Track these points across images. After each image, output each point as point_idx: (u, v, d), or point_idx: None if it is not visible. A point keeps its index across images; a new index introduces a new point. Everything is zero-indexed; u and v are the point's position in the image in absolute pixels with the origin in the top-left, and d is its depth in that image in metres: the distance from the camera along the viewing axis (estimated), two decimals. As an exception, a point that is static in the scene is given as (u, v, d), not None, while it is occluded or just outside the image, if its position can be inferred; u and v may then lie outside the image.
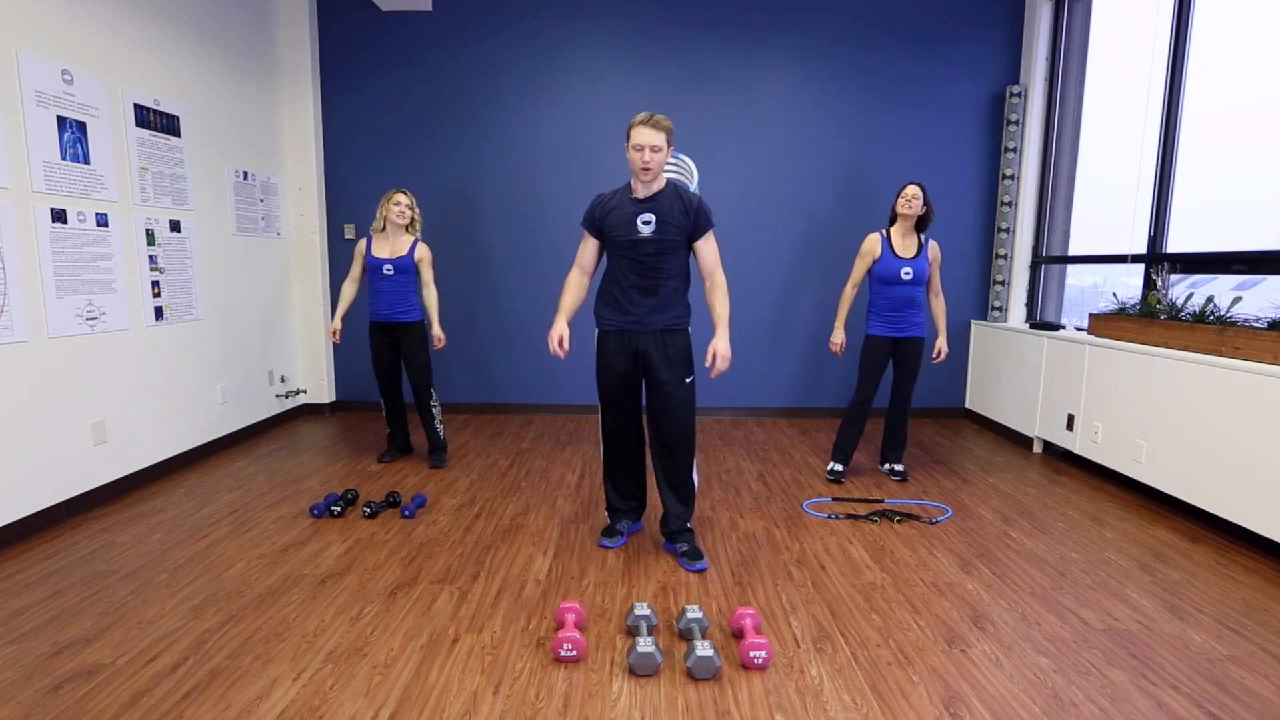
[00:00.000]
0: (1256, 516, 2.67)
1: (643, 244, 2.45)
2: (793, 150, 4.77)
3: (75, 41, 2.98)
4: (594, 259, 2.61)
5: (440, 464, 3.71)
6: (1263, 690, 1.86)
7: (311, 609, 2.22)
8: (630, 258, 2.48)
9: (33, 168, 2.77)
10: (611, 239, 2.50)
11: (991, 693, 1.83)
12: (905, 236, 3.37)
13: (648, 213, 2.44)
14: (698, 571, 2.51)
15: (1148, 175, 3.70)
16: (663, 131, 2.38)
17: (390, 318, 3.57)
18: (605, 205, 2.52)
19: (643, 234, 2.44)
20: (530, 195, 4.84)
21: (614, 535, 2.74)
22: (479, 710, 1.74)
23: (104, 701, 1.75)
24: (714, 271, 2.54)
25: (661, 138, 2.37)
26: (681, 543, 2.62)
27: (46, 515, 2.85)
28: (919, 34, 4.67)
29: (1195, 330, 3.02)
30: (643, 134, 2.36)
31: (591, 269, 2.63)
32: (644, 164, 2.37)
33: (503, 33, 4.70)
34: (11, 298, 2.68)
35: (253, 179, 4.29)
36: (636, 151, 2.38)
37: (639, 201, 2.46)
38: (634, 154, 2.39)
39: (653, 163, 2.37)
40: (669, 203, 2.45)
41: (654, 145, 2.36)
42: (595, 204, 2.55)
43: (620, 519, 2.79)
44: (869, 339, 3.44)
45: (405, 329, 3.60)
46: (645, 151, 2.36)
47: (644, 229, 2.44)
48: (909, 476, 3.61)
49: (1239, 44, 3.38)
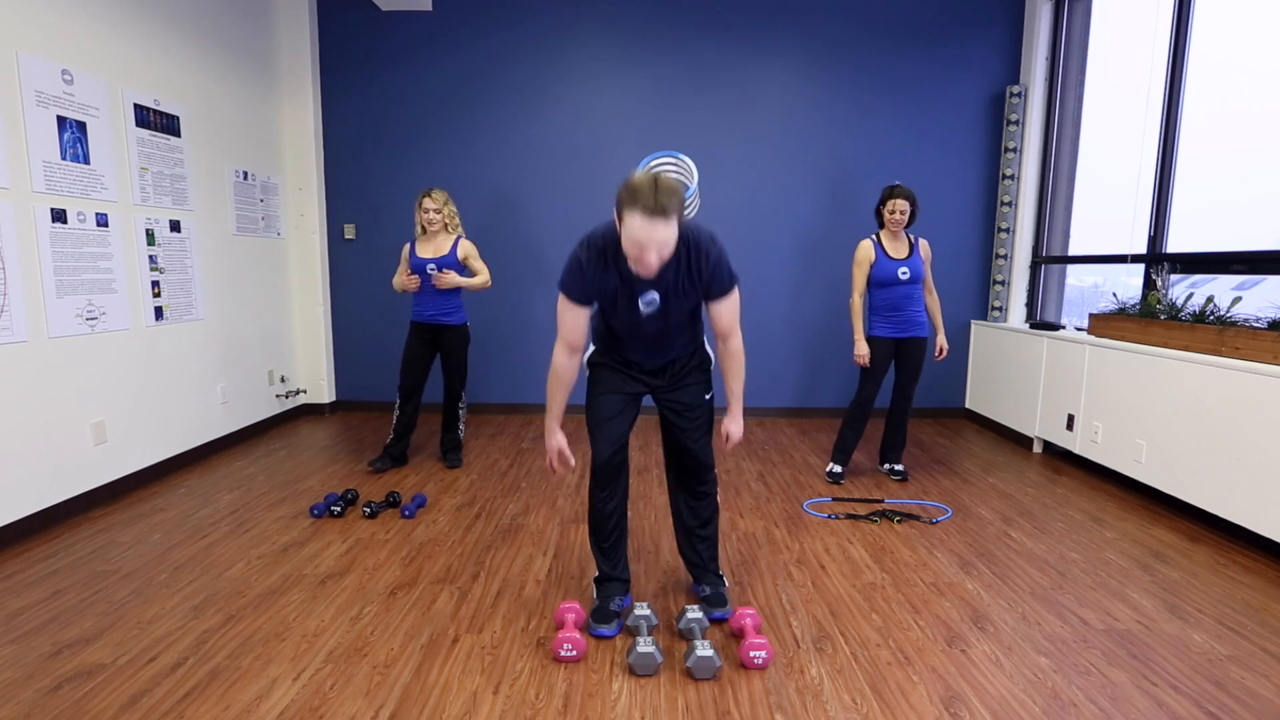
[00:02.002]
0: (1256, 516, 2.67)
1: (644, 322, 2.00)
2: (793, 150, 4.77)
3: (75, 41, 2.98)
4: (584, 331, 2.02)
5: (458, 463, 3.74)
6: (1263, 690, 1.86)
7: (311, 609, 2.22)
8: (630, 326, 2.04)
9: (33, 168, 2.77)
10: (606, 308, 2.04)
11: (991, 693, 1.83)
12: (895, 239, 3.40)
13: (650, 290, 1.93)
14: (716, 621, 2.16)
15: (1148, 175, 3.70)
16: (671, 220, 1.72)
17: (434, 319, 3.55)
18: (596, 274, 1.91)
19: (644, 313, 1.97)
20: (530, 195, 4.84)
21: (608, 619, 2.09)
22: (479, 710, 1.74)
23: (104, 701, 1.75)
24: (729, 335, 2.05)
25: (672, 230, 1.73)
26: (705, 585, 2.26)
27: (46, 515, 2.85)
28: (919, 34, 4.67)
29: (1195, 330, 3.02)
30: (643, 230, 1.70)
31: (581, 344, 2.05)
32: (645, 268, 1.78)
33: (503, 33, 4.70)
34: (11, 298, 2.68)
35: (253, 179, 4.29)
36: (634, 248, 1.75)
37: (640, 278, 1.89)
38: (630, 249, 1.76)
39: (655, 265, 1.77)
40: (674, 274, 1.91)
41: (662, 245, 1.74)
42: (578, 266, 1.92)
43: (613, 594, 2.18)
44: (872, 340, 3.44)
45: (447, 331, 3.58)
46: (652, 253, 1.74)
47: (646, 309, 1.96)
48: (909, 476, 3.61)
49: (1239, 44, 3.38)
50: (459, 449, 3.80)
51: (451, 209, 3.56)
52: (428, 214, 3.47)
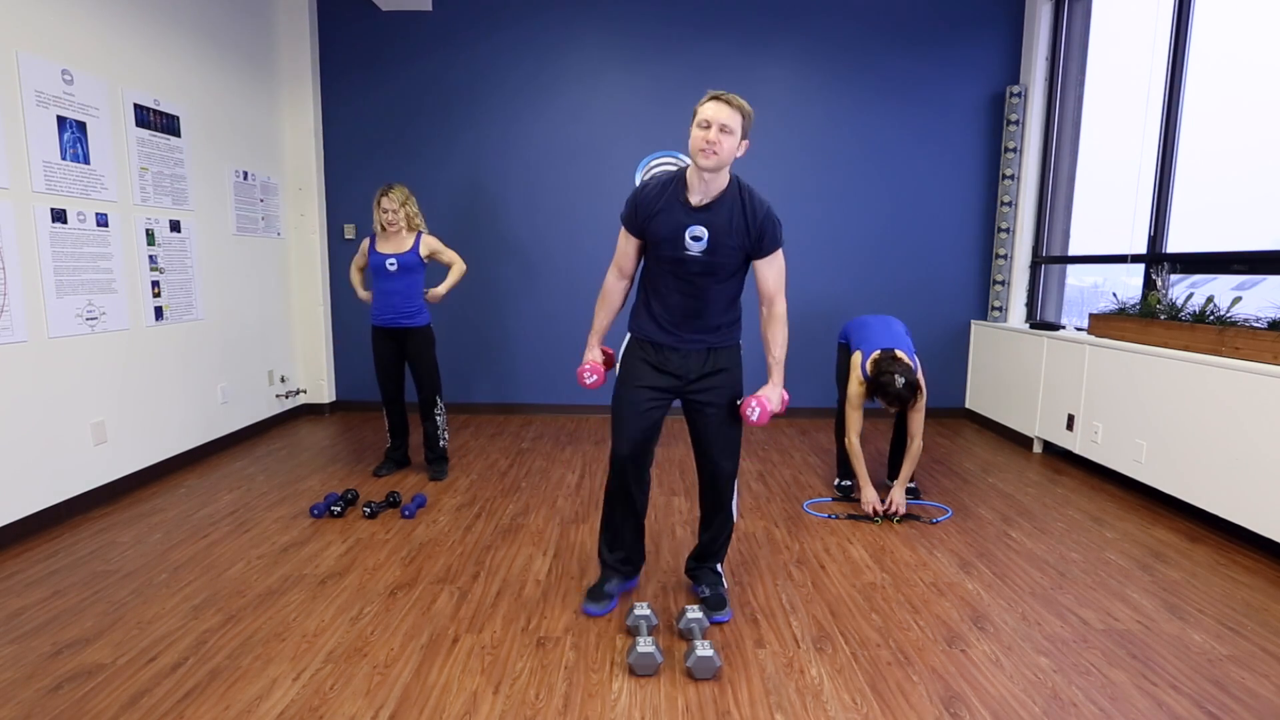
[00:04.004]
0: (1256, 516, 2.67)
1: (689, 263, 2.01)
2: (793, 150, 4.77)
3: (75, 41, 2.98)
4: (635, 260, 2.16)
5: (440, 476, 3.50)
6: (1263, 690, 1.86)
7: (311, 609, 2.22)
8: (674, 274, 2.05)
9: (33, 168, 2.77)
10: (653, 245, 2.07)
11: (991, 693, 1.83)
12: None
13: (700, 225, 1.97)
14: (716, 624, 2.16)
15: (1148, 175, 3.70)
16: (738, 112, 1.89)
17: (395, 323, 3.37)
18: (651, 204, 2.03)
19: (690, 251, 1.99)
20: (530, 196, 4.84)
21: (601, 599, 2.21)
22: (479, 710, 1.74)
23: (104, 701, 1.75)
24: (775, 298, 2.09)
25: (737, 119, 1.89)
26: (704, 585, 2.26)
27: (46, 515, 2.85)
28: (919, 34, 4.67)
29: (1195, 330, 3.02)
30: (713, 108, 1.88)
31: (632, 271, 2.18)
32: (707, 146, 1.87)
33: (503, 33, 4.70)
34: (11, 298, 2.68)
35: (253, 179, 4.29)
36: (701, 130, 1.88)
37: (692, 209, 1.98)
38: (697, 132, 1.89)
39: (720, 146, 1.87)
40: (728, 213, 1.98)
41: (724, 124, 1.87)
42: (639, 198, 2.06)
43: (611, 577, 2.27)
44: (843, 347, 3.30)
45: (411, 334, 3.40)
46: (712, 129, 1.87)
47: (693, 245, 1.98)
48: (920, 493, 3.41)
49: (1239, 44, 3.38)
50: (444, 460, 3.58)
51: (411, 207, 3.36)
52: (386, 214, 3.29)
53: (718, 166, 1.90)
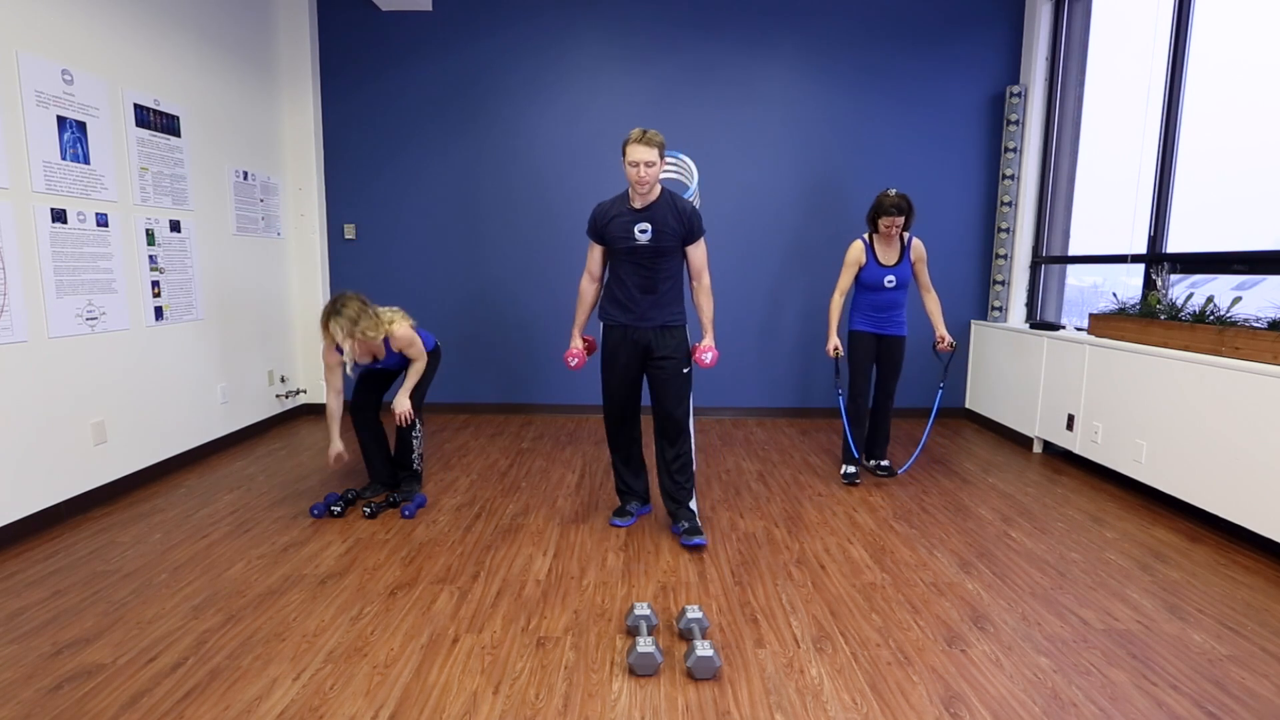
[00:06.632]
0: (1256, 516, 2.67)
1: (640, 250, 2.69)
2: (793, 150, 4.77)
3: (75, 41, 2.98)
4: (601, 264, 2.85)
5: (410, 496, 3.10)
6: (1263, 690, 1.86)
7: (311, 609, 2.22)
8: (630, 261, 2.72)
9: (33, 168, 2.77)
10: (612, 245, 2.74)
11: (991, 693, 1.83)
12: (888, 244, 3.42)
13: (644, 221, 2.67)
14: (695, 546, 2.69)
15: (1148, 175, 3.70)
16: (655, 147, 2.58)
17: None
18: (606, 214, 2.75)
19: (639, 241, 2.68)
20: (530, 195, 4.84)
21: (624, 515, 2.96)
22: (479, 710, 1.74)
23: (104, 701, 1.75)
24: (701, 273, 2.81)
25: (655, 153, 2.58)
26: (682, 520, 2.80)
27: (46, 515, 2.85)
28: (919, 34, 4.67)
29: (1195, 330, 3.02)
30: (637, 151, 2.57)
31: (600, 274, 2.87)
32: (639, 179, 2.59)
33: (503, 33, 4.70)
34: (11, 298, 2.68)
35: (253, 179, 4.29)
36: (632, 168, 2.59)
37: (636, 211, 2.68)
38: (630, 170, 2.60)
39: (647, 177, 2.59)
40: (664, 211, 2.68)
41: (648, 161, 2.57)
42: (597, 214, 2.78)
43: (629, 500, 3.01)
44: (854, 334, 3.53)
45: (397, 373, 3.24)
46: (640, 168, 2.58)
47: (641, 236, 2.68)
48: (894, 471, 3.66)
49: (1239, 44, 3.38)
50: (417, 479, 3.23)
51: (365, 323, 2.84)
52: (347, 345, 2.85)
53: (649, 189, 2.64)
